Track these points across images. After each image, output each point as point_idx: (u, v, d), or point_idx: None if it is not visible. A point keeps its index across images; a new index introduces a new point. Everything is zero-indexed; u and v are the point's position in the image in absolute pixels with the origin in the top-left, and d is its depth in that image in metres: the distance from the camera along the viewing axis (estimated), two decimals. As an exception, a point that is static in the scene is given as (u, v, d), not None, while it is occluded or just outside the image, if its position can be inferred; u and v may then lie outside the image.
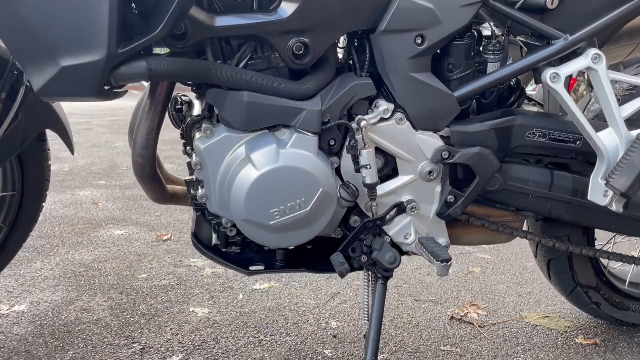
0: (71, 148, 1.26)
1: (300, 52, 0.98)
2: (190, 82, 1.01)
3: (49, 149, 1.27)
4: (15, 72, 1.05)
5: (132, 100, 1.23)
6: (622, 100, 1.12)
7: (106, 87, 0.85)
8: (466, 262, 2.04)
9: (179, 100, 1.17)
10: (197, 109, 1.11)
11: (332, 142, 1.05)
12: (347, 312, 1.56)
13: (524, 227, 1.27)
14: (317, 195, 1.01)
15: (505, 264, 2.04)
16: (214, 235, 1.18)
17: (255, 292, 1.68)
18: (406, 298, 1.68)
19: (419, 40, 1.00)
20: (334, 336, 1.42)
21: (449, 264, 1.03)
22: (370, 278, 1.15)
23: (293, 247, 1.16)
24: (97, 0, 0.78)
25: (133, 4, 0.87)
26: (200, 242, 1.16)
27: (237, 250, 1.18)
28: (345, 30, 1.02)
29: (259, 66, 1.00)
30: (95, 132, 5.55)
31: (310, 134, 1.01)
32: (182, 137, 1.22)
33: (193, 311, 1.52)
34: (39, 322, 1.40)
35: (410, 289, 1.75)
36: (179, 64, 0.89)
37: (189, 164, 1.19)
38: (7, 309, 1.46)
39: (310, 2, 0.94)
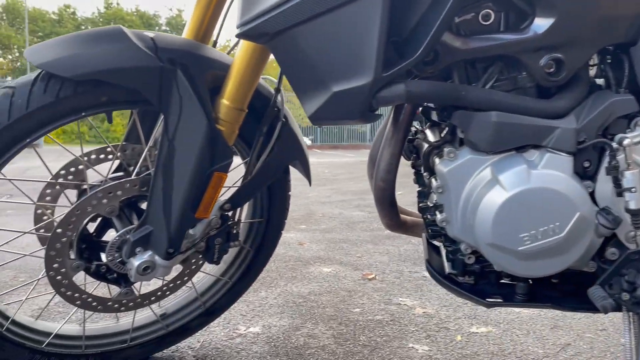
0: (309, 180, 1.37)
1: (553, 69, 0.94)
2: (434, 106, 1.04)
3: (290, 180, 1.40)
4: (276, 109, 1.19)
5: (316, 158, 1.31)
6: None
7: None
8: None
9: (412, 130, 1.21)
10: (434, 135, 1.13)
11: (586, 164, 0.97)
12: (585, 365, 1.39)
13: None
14: (574, 221, 0.94)
15: None
16: (446, 265, 1.16)
17: (473, 335, 1.60)
18: (658, 357, 1.43)
19: (693, 49, 0.90)
20: (576, 389, 1.26)
21: None
22: (632, 320, 1.01)
23: (537, 278, 1.08)
24: (367, 31, 0.86)
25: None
26: (434, 269, 1.15)
27: (471, 281, 1.14)
28: (602, 44, 0.96)
29: (505, 87, 0.99)
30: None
31: (564, 154, 0.95)
32: (413, 166, 1.25)
33: (412, 347, 1.49)
34: (273, 344, 1.50)
35: (660, 347, 1.50)
36: (432, 86, 0.92)
37: (419, 192, 1.21)
38: (245, 330, 1.61)
39: (566, 17, 0.91)
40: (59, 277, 1.11)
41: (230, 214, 1.23)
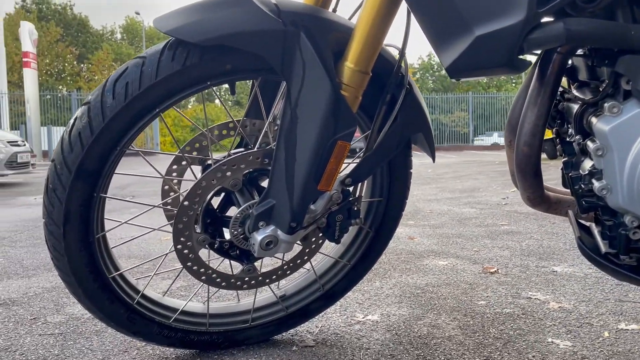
0: (433, 156, 1.27)
1: None
2: (590, 54, 0.90)
3: (411, 156, 1.31)
4: (400, 74, 1.11)
5: (417, 159, 1.18)
6: None
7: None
8: None
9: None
10: (585, 95, 0.99)
11: None
12: None
13: None
14: None
15: None
16: (602, 243, 1.00)
17: (623, 332, 1.40)
18: None
19: None
20: None
21: None
22: None
23: None
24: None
25: None
26: (587, 248, 1.00)
27: (633, 262, 0.97)
28: None
29: (682, 27, 0.83)
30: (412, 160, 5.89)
31: None
32: (557, 134, 1.10)
33: (552, 342, 1.33)
34: (394, 332, 1.42)
35: None
36: (597, 25, 0.79)
37: (566, 163, 1.06)
38: (363, 317, 1.54)
39: None
40: (186, 251, 1.12)
41: (351, 189, 1.17)
